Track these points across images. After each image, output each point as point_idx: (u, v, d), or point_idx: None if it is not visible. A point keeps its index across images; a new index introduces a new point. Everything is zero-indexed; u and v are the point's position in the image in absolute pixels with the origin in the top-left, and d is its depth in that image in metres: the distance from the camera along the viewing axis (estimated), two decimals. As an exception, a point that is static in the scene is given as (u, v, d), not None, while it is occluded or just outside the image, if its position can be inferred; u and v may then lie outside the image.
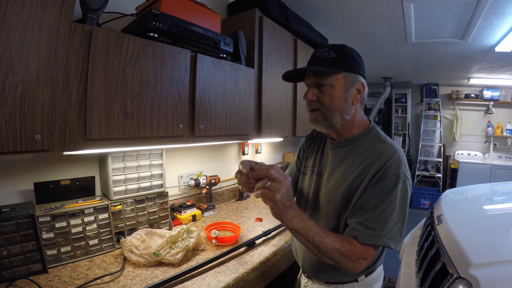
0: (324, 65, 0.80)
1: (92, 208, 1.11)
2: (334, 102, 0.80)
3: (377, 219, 0.73)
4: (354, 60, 0.82)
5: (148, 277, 0.97)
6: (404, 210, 0.76)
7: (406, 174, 0.77)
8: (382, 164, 0.76)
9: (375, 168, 0.76)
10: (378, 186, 0.75)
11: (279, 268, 1.26)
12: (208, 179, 1.69)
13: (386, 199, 0.74)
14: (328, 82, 0.80)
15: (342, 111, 0.81)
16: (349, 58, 0.81)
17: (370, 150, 0.81)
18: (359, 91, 0.83)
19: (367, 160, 0.79)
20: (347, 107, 0.82)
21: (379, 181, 0.75)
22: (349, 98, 0.81)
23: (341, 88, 0.80)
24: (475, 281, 0.89)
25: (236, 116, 1.51)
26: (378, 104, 5.42)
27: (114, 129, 0.97)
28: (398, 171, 0.75)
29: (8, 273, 0.88)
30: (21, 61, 0.74)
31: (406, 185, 0.76)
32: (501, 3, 1.99)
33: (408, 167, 0.80)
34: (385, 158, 0.77)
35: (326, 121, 0.82)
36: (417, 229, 1.88)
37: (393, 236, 0.73)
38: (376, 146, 0.81)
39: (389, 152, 0.78)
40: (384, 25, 2.63)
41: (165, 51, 1.11)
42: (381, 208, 0.74)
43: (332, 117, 0.82)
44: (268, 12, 1.72)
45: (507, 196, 1.84)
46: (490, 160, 4.77)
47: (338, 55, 0.80)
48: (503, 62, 3.53)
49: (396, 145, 0.81)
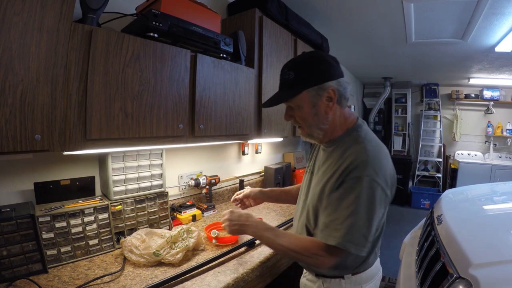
0: (286, 89, 0.85)
1: (92, 208, 1.11)
2: (306, 120, 0.86)
3: (340, 222, 0.75)
4: (314, 72, 0.82)
5: (148, 277, 0.97)
6: (370, 215, 0.75)
7: (375, 177, 0.75)
8: (347, 166, 0.78)
9: (341, 170, 0.78)
10: (341, 187, 0.77)
11: (279, 268, 1.26)
12: (208, 179, 1.69)
13: (345, 201, 0.75)
14: (294, 104, 0.85)
15: (317, 124, 0.86)
16: (307, 73, 0.82)
17: (346, 151, 0.82)
18: (330, 98, 0.83)
19: (340, 161, 0.81)
20: (321, 119, 0.85)
21: (342, 182, 0.77)
22: (320, 110, 0.84)
23: (308, 105, 0.83)
24: (475, 281, 0.89)
25: (236, 116, 1.51)
26: (378, 104, 5.43)
27: (114, 129, 0.97)
28: (361, 174, 0.75)
29: (8, 273, 0.88)
30: (21, 61, 0.74)
31: (373, 188, 0.74)
32: (501, 3, 1.99)
33: (382, 170, 0.78)
34: (352, 159, 0.78)
35: (309, 135, 0.90)
36: (417, 229, 1.88)
37: (354, 240, 0.74)
38: (351, 147, 0.82)
39: (358, 153, 0.79)
40: (384, 25, 2.63)
41: (165, 51, 1.11)
42: (344, 211, 0.75)
43: (312, 131, 0.88)
44: (268, 12, 1.72)
45: (507, 196, 1.84)
46: (490, 160, 4.77)
47: (297, 74, 0.82)
48: (503, 62, 3.54)
49: (370, 147, 0.80)
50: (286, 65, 0.86)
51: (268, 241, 0.88)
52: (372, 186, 0.74)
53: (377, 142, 0.86)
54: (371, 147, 0.80)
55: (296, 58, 0.87)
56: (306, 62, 0.83)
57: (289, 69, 0.84)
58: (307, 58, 0.84)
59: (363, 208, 0.74)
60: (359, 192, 0.74)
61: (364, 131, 0.87)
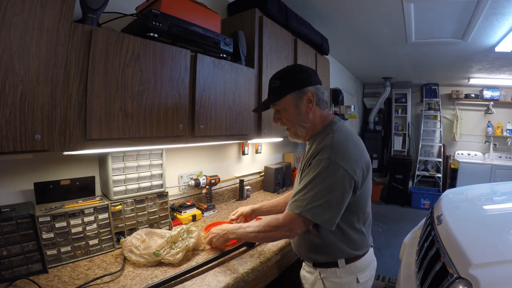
0: (273, 95, 1.01)
1: (92, 208, 1.11)
2: (292, 120, 1.01)
3: (304, 195, 0.88)
4: (295, 79, 0.99)
5: (148, 277, 0.97)
6: (331, 191, 0.86)
7: (336, 160, 0.87)
8: (313, 151, 0.93)
9: (310, 155, 0.94)
10: (307, 168, 0.93)
11: (279, 268, 1.26)
12: (208, 179, 1.69)
13: (309, 178, 0.89)
14: (280, 107, 1.02)
15: (300, 123, 1.01)
16: (289, 80, 0.98)
17: (319, 142, 0.96)
18: (310, 100, 0.99)
19: (312, 150, 0.96)
20: (303, 118, 1.00)
21: (309, 166, 0.93)
22: (302, 110, 0.99)
23: (292, 107, 0.99)
24: (475, 281, 0.89)
25: (236, 116, 1.51)
26: (378, 104, 5.43)
27: (114, 129, 0.97)
28: (323, 157, 0.88)
29: (8, 273, 0.88)
30: (21, 61, 0.74)
31: (334, 168, 0.86)
32: (501, 3, 2.00)
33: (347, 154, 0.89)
34: (320, 147, 0.92)
35: (295, 134, 1.05)
36: (417, 229, 1.88)
37: (312, 211, 0.86)
38: (324, 139, 0.95)
39: (325, 141, 0.93)
40: (384, 25, 2.63)
41: (165, 51, 1.11)
42: (307, 187, 0.89)
43: (296, 131, 1.03)
44: (268, 12, 1.72)
45: (507, 196, 1.84)
46: (490, 160, 4.77)
47: (281, 82, 0.99)
48: (503, 62, 3.54)
49: (337, 136, 0.94)
50: (273, 76, 1.03)
51: (243, 236, 1.05)
52: (332, 166, 0.86)
53: (347, 133, 0.99)
54: (337, 136, 0.94)
55: (281, 70, 1.04)
56: (289, 72, 1.01)
57: (275, 79, 1.01)
58: (290, 69, 1.03)
59: (322, 184, 0.86)
60: (319, 170, 0.87)
61: (337, 126, 1.00)
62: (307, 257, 1.04)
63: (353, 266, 0.97)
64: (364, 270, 1.00)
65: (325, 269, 0.99)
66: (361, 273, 0.99)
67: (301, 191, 0.90)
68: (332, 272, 0.97)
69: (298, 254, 1.10)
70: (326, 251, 0.97)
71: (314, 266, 1.02)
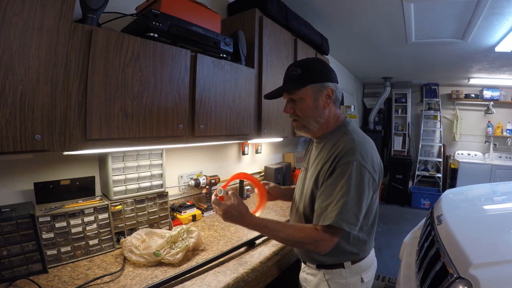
0: (292, 83, 0.94)
1: (92, 208, 1.11)
2: (307, 112, 0.95)
3: (335, 204, 0.82)
4: (318, 71, 0.94)
5: (148, 277, 0.97)
6: (360, 195, 0.83)
7: (362, 162, 0.84)
8: (337, 154, 0.87)
9: (332, 158, 0.88)
10: (333, 174, 0.86)
11: (279, 268, 1.26)
12: (208, 179, 1.69)
13: (340, 184, 0.83)
14: (298, 97, 0.95)
15: (315, 117, 0.96)
16: (312, 71, 0.93)
17: (335, 143, 0.92)
18: (329, 96, 0.95)
19: (331, 151, 0.91)
20: (320, 113, 0.95)
21: (334, 169, 0.86)
22: (319, 104, 0.94)
23: (310, 99, 0.94)
24: (475, 281, 0.89)
25: (236, 116, 1.51)
26: (378, 104, 5.43)
27: (114, 129, 0.97)
28: (350, 159, 0.84)
29: (8, 273, 0.88)
30: (21, 61, 0.74)
31: (361, 172, 0.83)
32: (501, 3, 2.00)
33: (369, 157, 0.87)
34: (341, 148, 0.88)
35: (304, 128, 0.98)
36: (417, 229, 1.88)
37: (347, 219, 0.81)
38: (340, 139, 0.92)
39: (346, 143, 0.89)
40: (384, 25, 2.63)
41: (165, 51, 1.11)
42: (337, 194, 0.83)
43: (308, 124, 0.97)
44: (268, 12, 1.72)
45: (507, 196, 1.84)
46: (490, 160, 4.77)
47: (303, 71, 0.93)
48: (503, 62, 3.54)
49: (358, 138, 0.91)
50: (294, 64, 0.97)
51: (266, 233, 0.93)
52: (360, 170, 0.84)
53: (363, 134, 0.96)
54: (357, 138, 0.91)
55: (303, 59, 0.98)
56: (312, 63, 0.96)
57: (297, 67, 0.94)
58: (313, 60, 0.97)
59: (352, 189, 0.82)
60: (349, 175, 0.83)
61: (351, 126, 0.97)
62: (311, 259, 1.00)
63: (358, 266, 0.96)
64: (368, 270, 0.99)
65: (330, 271, 0.96)
66: (365, 273, 0.98)
67: (330, 200, 0.83)
68: (338, 273, 0.95)
69: (300, 256, 1.07)
70: (335, 254, 0.93)
71: (318, 268, 0.98)
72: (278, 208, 1.84)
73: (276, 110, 1.84)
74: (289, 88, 0.96)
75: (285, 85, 0.98)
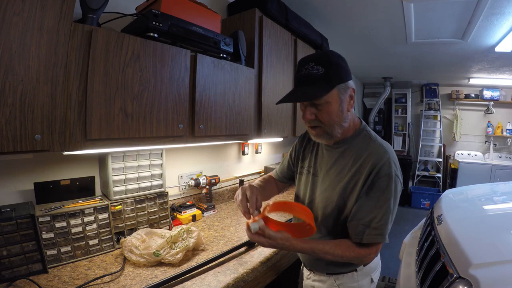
0: (317, 85, 0.79)
1: (92, 208, 1.11)
2: (332, 117, 0.83)
3: (380, 219, 0.79)
4: (342, 69, 0.82)
5: (148, 277, 0.97)
6: (395, 207, 0.82)
7: (397, 173, 0.81)
8: (374, 166, 0.80)
9: (368, 170, 0.81)
10: (373, 187, 0.80)
11: (279, 268, 1.26)
12: (208, 179, 1.69)
13: (383, 199, 0.79)
14: (323, 101, 0.80)
15: (340, 122, 0.84)
16: (337, 69, 0.80)
17: (362, 151, 0.85)
18: (351, 97, 0.85)
19: (360, 161, 0.83)
20: (344, 116, 0.85)
21: (373, 182, 0.80)
22: (344, 107, 0.84)
23: (337, 102, 0.82)
24: (475, 281, 0.89)
25: (236, 116, 1.51)
26: (378, 104, 5.42)
27: (114, 129, 0.97)
28: (390, 171, 0.80)
29: (8, 273, 0.88)
30: (21, 61, 0.74)
31: (397, 183, 0.81)
32: (501, 3, 1.99)
33: (398, 164, 0.84)
34: (377, 159, 0.81)
35: (327, 134, 0.85)
36: (417, 229, 1.88)
37: (386, 232, 0.80)
38: (367, 147, 0.85)
39: (379, 152, 0.82)
40: (384, 25, 2.63)
41: (165, 51, 1.11)
42: (380, 208, 0.79)
43: (332, 130, 0.85)
44: (268, 12, 1.72)
45: (507, 196, 1.84)
46: (490, 160, 4.77)
47: (327, 69, 0.78)
48: (503, 62, 3.53)
49: (386, 144, 0.86)
50: (308, 59, 0.81)
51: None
52: (396, 182, 0.80)
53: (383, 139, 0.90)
54: (386, 145, 0.85)
55: (318, 54, 0.83)
56: (333, 60, 0.81)
57: (317, 64, 0.79)
58: (332, 56, 0.82)
59: (392, 203, 0.80)
60: (390, 189, 0.79)
61: (370, 130, 0.91)
62: (323, 268, 0.95)
63: (369, 267, 0.94)
64: (376, 269, 0.98)
65: (341, 275, 0.93)
66: (374, 273, 0.97)
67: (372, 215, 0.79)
68: (350, 277, 0.92)
69: (308, 264, 1.02)
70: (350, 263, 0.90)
71: (328, 274, 0.95)
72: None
73: (276, 110, 1.84)
74: (318, 94, 0.78)
75: (310, 88, 0.79)
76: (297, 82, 0.83)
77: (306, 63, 0.81)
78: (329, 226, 0.89)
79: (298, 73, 0.83)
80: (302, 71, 0.81)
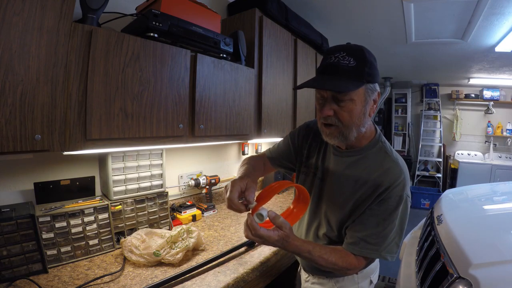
0: (346, 77, 0.71)
1: (92, 208, 1.11)
2: (353, 118, 0.74)
3: (377, 236, 0.77)
4: (374, 68, 0.75)
5: (148, 277, 0.97)
6: (402, 226, 0.80)
7: (408, 193, 0.79)
8: (388, 185, 0.76)
9: (382, 188, 0.76)
10: (382, 206, 0.77)
11: (279, 268, 1.26)
12: (208, 179, 1.69)
13: (388, 218, 0.77)
14: (349, 97, 0.72)
15: (359, 125, 0.77)
16: (369, 66, 0.73)
17: (377, 165, 0.80)
18: (375, 101, 0.78)
19: (374, 176, 0.78)
20: (365, 120, 0.77)
21: (383, 201, 0.77)
22: (367, 110, 0.77)
23: (361, 102, 0.74)
24: (475, 281, 0.89)
25: (236, 116, 1.51)
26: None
27: (114, 129, 0.97)
28: (402, 193, 0.77)
29: (8, 273, 0.88)
30: (21, 61, 0.74)
31: (407, 204, 0.79)
32: (501, 3, 1.99)
33: (409, 183, 0.81)
34: (392, 179, 0.76)
35: (342, 136, 0.77)
36: (417, 229, 1.88)
37: (390, 250, 0.78)
38: (383, 161, 0.80)
39: (395, 172, 0.78)
40: (384, 25, 2.63)
41: (165, 51, 1.11)
42: (382, 226, 0.77)
43: (349, 133, 0.76)
44: (268, 12, 1.72)
45: (507, 196, 1.84)
46: (490, 160, 4.77)
47: (359, 63, 0.71)
48: (503, 62, 3.53)
49: (401, 161, 0.81)
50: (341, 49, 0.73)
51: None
52: (407, 202, 0.78)
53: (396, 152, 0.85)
54: (401, 162, 0.81)
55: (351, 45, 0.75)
56: (367, 56, 0.74)
57: (349, 55, 0.71)
58: (366, 51, 0.75)
59: (399, 222, 0.78)
60: (399, 210, 0.77)
61: (385, 141, 0.85)
62: (322, 272, 0.93)
63: (369, 269, 0.93)
64: (375, 271, 0.98)
65: (341, 278, 0.92)
66: (373, 275, 0.97)
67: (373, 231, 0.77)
68: (350, 279, 0.92)
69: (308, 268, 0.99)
70: None
71: (328, 277, 0.93)
72: (278, 207, 1.84)
73: (276, 110, 1.84)
74: (349, 87, 0.70)
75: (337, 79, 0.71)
76: (322, 70, 0.74)
77: (336, 51, 0.73)
78: (334, 235, 0.88)
79: (324, 60, 0.74)
80: (331, 59, 0.72)
